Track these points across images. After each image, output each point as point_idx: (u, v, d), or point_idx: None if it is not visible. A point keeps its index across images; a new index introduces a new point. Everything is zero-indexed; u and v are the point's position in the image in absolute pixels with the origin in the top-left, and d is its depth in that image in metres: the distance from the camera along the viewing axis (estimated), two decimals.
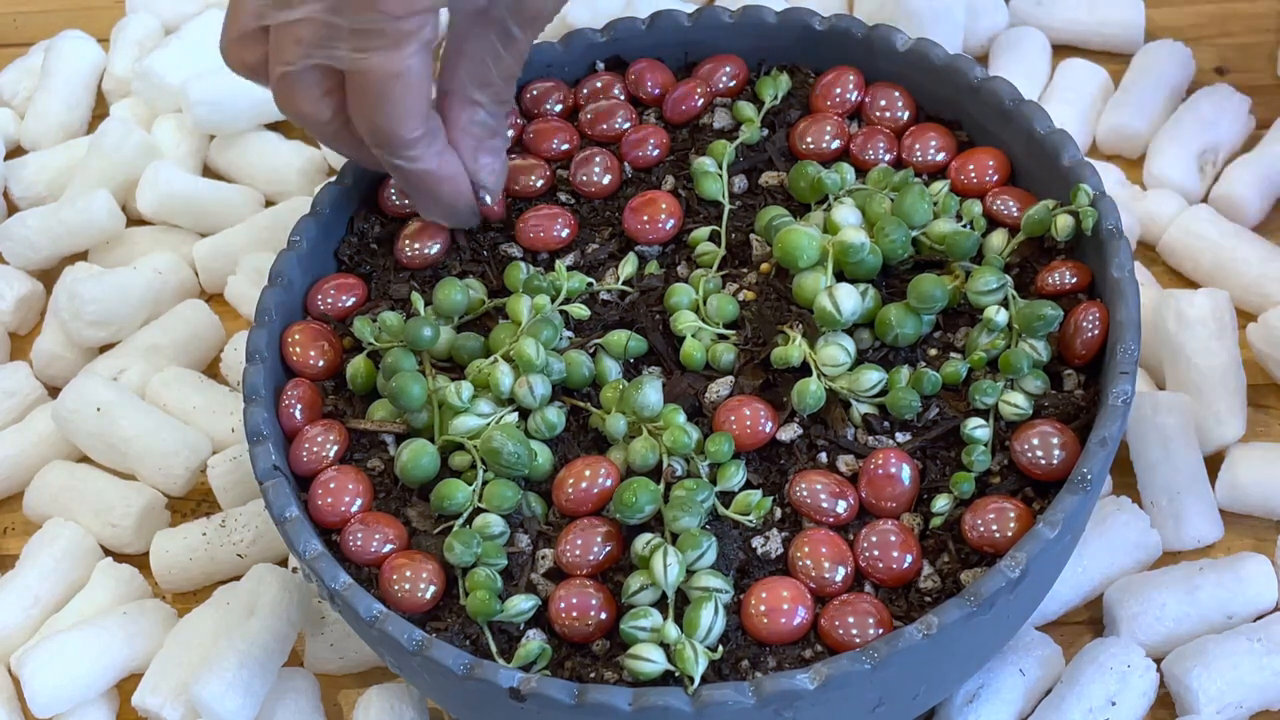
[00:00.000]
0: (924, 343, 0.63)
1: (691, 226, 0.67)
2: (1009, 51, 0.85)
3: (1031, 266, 0.64)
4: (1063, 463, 0.58)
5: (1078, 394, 0.61)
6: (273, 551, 0.72)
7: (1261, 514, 0.70)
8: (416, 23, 0.57)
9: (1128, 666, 0.65)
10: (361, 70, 0.58)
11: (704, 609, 0.56)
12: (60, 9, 0.97)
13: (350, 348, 0.66)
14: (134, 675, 0.70)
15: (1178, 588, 0.67)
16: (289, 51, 0.58)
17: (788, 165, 0.68)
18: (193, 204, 0.84)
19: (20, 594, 0.72)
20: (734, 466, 0.60)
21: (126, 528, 0.74)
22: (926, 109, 0.70)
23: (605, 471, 0.60)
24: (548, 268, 0.67)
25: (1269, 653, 0.65)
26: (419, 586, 0.58)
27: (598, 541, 0.58)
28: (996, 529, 0.57)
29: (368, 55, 0.57)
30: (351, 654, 0.69)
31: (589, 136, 0.71)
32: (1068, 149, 0.64)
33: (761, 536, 0.59)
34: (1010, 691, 0.65)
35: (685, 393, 0.62)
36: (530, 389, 0.61)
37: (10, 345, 0.83)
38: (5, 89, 0.92)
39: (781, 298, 0.64)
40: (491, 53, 0.62)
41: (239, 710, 0.66)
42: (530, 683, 0.54)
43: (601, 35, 0.72)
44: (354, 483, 0.61)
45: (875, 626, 0.56)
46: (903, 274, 0.63)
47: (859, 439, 0.61)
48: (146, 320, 0.81)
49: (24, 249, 0.83)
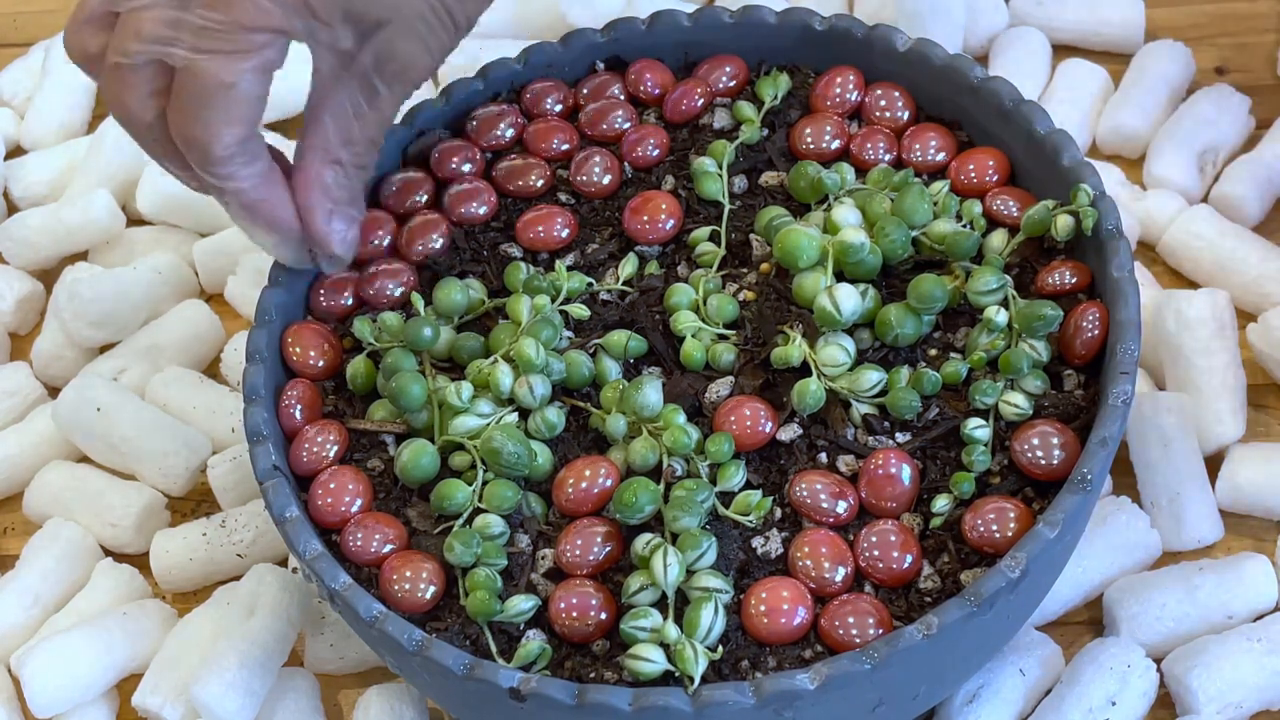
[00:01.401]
0: (924, 343, 0.63)
1: (691, 226, 0.67)
2: (1009, 51, 0.85)
3: (1031, 266, 0.64)
4: (1063, 463, 0.58)
5: (1078, 394, 0.61)
6: (273, 551, 0.72)
7: (1261, 514, 0.70)
8: (262, 39, 0.56)
9: (1128, 666, 0.65)
10: (193, 72, 0.56)
11: (704, 609, 0.56)
12: (60, 9, 0.96)
13: (350, 348, 0.66)
14: (134, 675, 0.70)
15: (1178, 588, 0.67)
16: (127, 42, 0.57)
17: (788, 165, 0.68)
18: (193, 204, 0.84)
19: (20, 594, 0.72)
20: (734, 466, 0.60)
21: (126, 528, 0.74)
22: (926, 109, 0.70)
23: (605, 471, 0.60)
24: (548, 268, 0.67)
25: (1269, 653, 0.65)
26: (419, 586, 0.58)
27: (598, 541, 0.58)
28: (996, 529, 0.57)
29: (203, 58, 0.56)
30: (351, 654, 0.69)
31: (589, 136, 0.71)
32: (1068, 149, 0.64)
33: (761, 536, 0.59)
34: (1010, 691, 0.65)
35: (685, 393, 0.62)
36: (530, 389, 0.61)
37: (10, 345, 0.83)
38: (5, 89, 0.92)
39: (781, 298, 0.64)
40: (355, 108, 0.60)
41: (239, 710, 0.66)
42: (530, 683, 0.54)
43: (601, 35, 0.72)
44: (354, 483, 0.61)
45: (875, 626, 0.56)
46: (903, 274, 0.63)
47: (859, 439, 0.61)
48: (146, 320, 0.81)
49: (24, 249, 0.83)
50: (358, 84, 0.60)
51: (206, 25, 0.55)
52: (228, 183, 0.59)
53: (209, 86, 0.56)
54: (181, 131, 0.58)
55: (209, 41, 0.56)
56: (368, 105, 0.60)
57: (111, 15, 0.58)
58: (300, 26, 0.57)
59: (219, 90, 0.56)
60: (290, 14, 0.56)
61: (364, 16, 0.58)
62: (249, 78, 0.56)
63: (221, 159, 0.58)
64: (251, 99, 0.57)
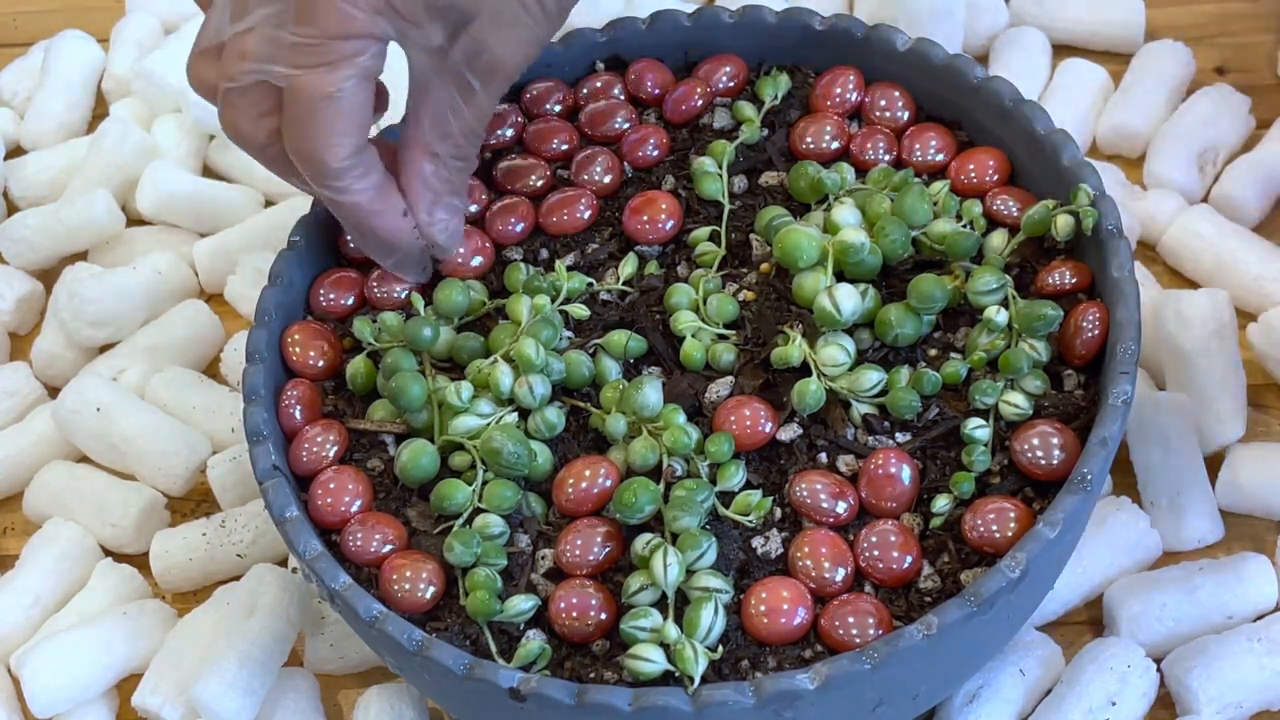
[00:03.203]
0: (924, 343, 0.63)
1: (691, 226, 0.67)
2: (1009, 51, 0.85)
3: (1031, 266, 0.64)
4: (1063, 463, 0.58)
5: (1078, 394, 0.61)
6: (273, 551, 0.72)
7: (1261, 514, 0.70)
8: (354, 46, 0.57)
9: (1128, 666, 0.65)
10: (296, 88, 0.57)
11: (704, 609, 0.56)
12: (60, 9, 0.97)
13: (350, 348, 0.66)
14: (134, 675, 0.71)
15: (1178, 588, 0.67)
16: (234, 66, 0.58)
17: (788, 165, 0.68)
18: (193, 204, 0.84)
19: (20, 594, 0.72)
20: (734, 466, 0.60)
21: (126, 528, 0.74)
22: (926, 109, 0.70)
23: (605, 471, 0.60)
24: (548, 268, 0.67)
25: (1269, 653, 0.65)
26: (419, 586, 0.58)
27: (598, 541, 0.58)
28: (996, 529, 0.57)
29: (302, 73, 0.57)
30: (351, 654, 0.69)
31: (589, 137, 0.71)
32: (1068, 149, 0.64)
33: (761, 536, 0.59)
34: (1010, 691, 0.65)
35: (685, 393, 0.62)
36: (530, 389, 0.61)
37: (10, 345, 0.83)
38: (5, 89, 0.92)
39: (781, 298, 0.64)
40: (451, 104, 0.60)
41: (239, 710, 0.66)
42: (530, 683, 0.54)
43: (601, 35, 0.72)
44: (354, 483, 0.61)
45: (875, 626, 0.56)
46: (903, 274, 0.63)
47: (859, 439, 0.61)
48: (146, 320, 0.81)
49: (24, 249, 0.83)
50: (451, 80, 0.60)
51: (299, 41, 0.56)
52: (344, 195, 0.60)
53: (313, 100, 0.57)
54: (295, 148, 0.59)
55: (305, 57, 0.57)
56: (463, 100, 0.61)
57: (223, 46, 0.59)
58: (389, 29, 0.57)
59: (323, 102, 0.57)
60: (376, 18, 0.57)
61: (450, 10, 0.58)
62: (350, 86, 0.57)
63: (337, 171, 0.59)
64: (356, 107, 0.58)
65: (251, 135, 0.60)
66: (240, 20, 0.58)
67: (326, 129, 0.58)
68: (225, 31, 0.58)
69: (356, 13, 0.56)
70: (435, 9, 0.58)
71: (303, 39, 0.56)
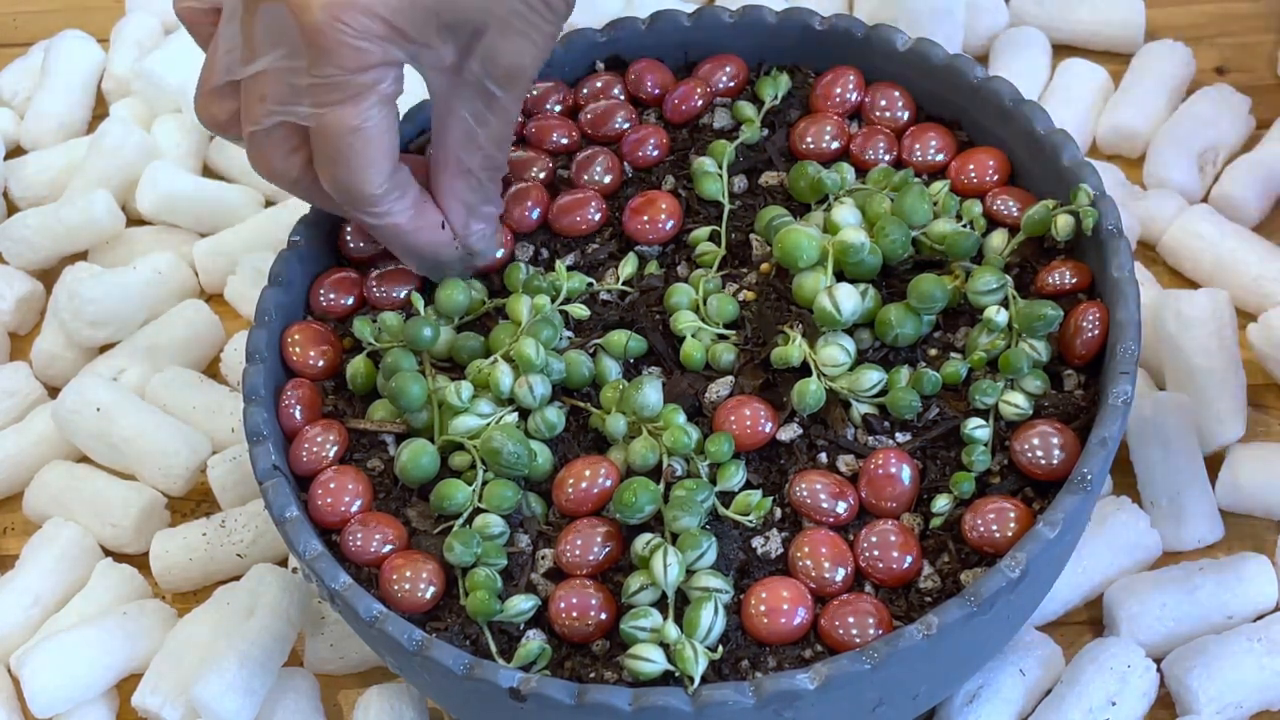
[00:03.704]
0: (924, 343, 0.63)
1: (691, 226, 0.67)
2: (1009, 51, 0.85)
3: (1031, 266, 0.64)
4: (1063, 463, 0.58)
5: (1078, 394, 0.61)
6: (273, 551, 0.72)
7: (1261, 514, 0.70)
8: (373, 76, 0.57)
9: (1128, 666, 0.65)
10: (321, 126, 0.57)
11: (704, 609, 0.56)
12: (60, 9, 0.97)
13: (350, 348, 0.66)
14: (134, 675, 0.71)
15: (1178, 588, 0.67)
16: (255, 109, 0.58)
17: (788, 165, 0.68)
18: (193, 204, 0.84)
19: (20, 594, 0.72)
20: (734, 466, 0.60)
21: (126, 528, 0.74)
22: (926, 109, 0.70)
23: (605, 471, 0.60)
24: (548, 267, 0.67)
25: (1269, 653, 0.65)
26: (419, 586, 0.58)
27: (598, 541, 0.58)
28: (996, 529, 0.57)
29: (326, 111, 0.57)
30: (351, 654, 0.69)
31: (589, 137, 0.71)
32: (1068, 149, 0.64)
33: (761, 536, 0.59)
34: (1010, 691, 0.65)
35: (685, 393, 0.62)
36: (530, 389, 0.61)
37: (10, 345, 0.83)
38: (5, 89, 0.92)
39: (781, 298, 0.64)
40: (476, 116, 0.61)
41: (239, 710, 0.66)
42: (530, 683, 0.54)
43: (601, 35, 0.72)
44: (354, 483, 0.61)
45: (875, 626, 0.56)
46: (903, 274, 0.63)
47: (859, 439, 0.61)
48: (146, 320, 0.81)
49: (24, 249, 0.83)
50: (473, 93, 0.60)
51: (316, 81, 0.56)
52: (384, 219, 0.61)
53: (340, 135, 0.57)
54: (331, 181, 0.59)
55: (326, 94, 0.57)
56: (488, 109, 0.61)
57: (233, 84, 0.59)
58: (402, 54, 0.57)
59: (350, 137, 0.57)
60: (388, 46, 0.57)
61: (459, 27, 0.58)
62: (374, 115, 0.57)
63: (375, 198, 0.59)
64: (383, 133, 0.58)
65: (284, 172, 0.60)
66: (251, 63, 0.58)
67: (359, 160, 0.58)
68: (236, 72, 0.59)
69: (368, 45, 0.56)
70: (445, 28, 0.58)
71: (319, 79, 0.56)
